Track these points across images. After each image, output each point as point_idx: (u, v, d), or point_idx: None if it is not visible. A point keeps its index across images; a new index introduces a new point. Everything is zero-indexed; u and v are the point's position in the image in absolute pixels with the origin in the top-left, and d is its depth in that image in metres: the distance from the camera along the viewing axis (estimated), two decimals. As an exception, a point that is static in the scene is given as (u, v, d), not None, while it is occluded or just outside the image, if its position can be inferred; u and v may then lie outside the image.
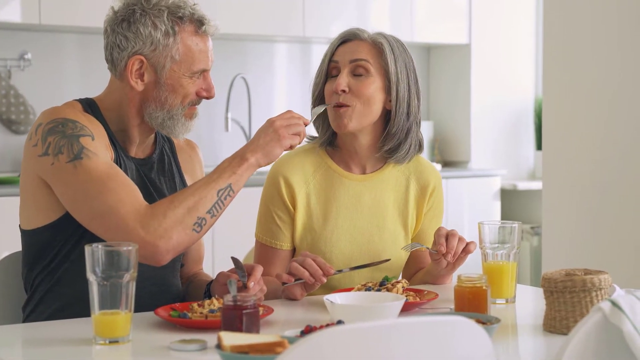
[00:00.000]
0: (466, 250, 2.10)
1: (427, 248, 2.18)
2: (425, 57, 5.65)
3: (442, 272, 2.17)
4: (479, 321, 1.70)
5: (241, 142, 5.04)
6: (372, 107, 2.18)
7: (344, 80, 2.17)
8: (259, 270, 1.94)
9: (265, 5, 4.79)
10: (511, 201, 5.51)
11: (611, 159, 3.46)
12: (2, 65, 4.41)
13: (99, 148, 1.91)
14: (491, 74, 5.49)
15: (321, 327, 1.68)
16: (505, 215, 5.40)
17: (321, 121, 2.25)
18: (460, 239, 2.10)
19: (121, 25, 1.99)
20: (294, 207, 2.22)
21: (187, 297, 2.17)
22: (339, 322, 1.72)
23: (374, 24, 5.14)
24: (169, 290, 2.09)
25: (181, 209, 1.86)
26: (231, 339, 1.48)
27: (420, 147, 2.27)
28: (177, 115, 2.01)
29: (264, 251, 2.25)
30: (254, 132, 5.04)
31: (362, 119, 2.18)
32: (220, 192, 1.91)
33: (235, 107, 4.97)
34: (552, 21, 3.69)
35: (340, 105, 2.17)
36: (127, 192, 1.86)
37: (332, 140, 2.26)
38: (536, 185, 5.32)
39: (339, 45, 2.22)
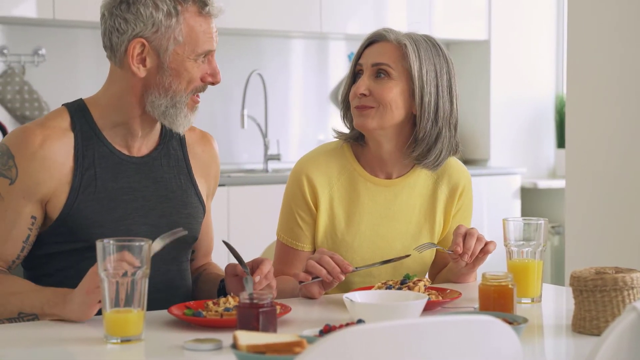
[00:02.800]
0: (485, 251, 2.03)
1: (442, 249, 2.11)
2: (443, 54, 5.58)
3: (462, 271, 2.11)
4: (505, 321, 1.63)
5: (257, 139, 4.99)
6: (393, 111, 2.10)
7: (363, 83, 2.11)
8: (267, 264, 1.88)
9: (282, 0, 4.73)
10: (531, 200, 5.44)
11: (635, 157, 3.40)
12: (16, 61, 4.38)
13: (10, 194, 1.88)
14: (511, 71, 5.42)
15: (340, 326, 1.62)
16: (526, 214, 5.33)
17: (350, 120, 2.18)
18: (479, 239, 2.02)
19: (120, 7, 1.89)
20: (317, 208, 2.15)
21: (197, 291, 2.11)
22: (359, 321, 1.66)
23: (391, 19, 5.07)
24: (176, 294, 2.02)
25: None
26: (247, 338, 1.43)
27: (455, 152, 2.18)
28: (180, 103, 1.92)
29: (284, 251, 2.19)
30: (270, 129, 5.00)
31: (383, 120, 2.10)
32: (22, 314, 1.82)
33: (251, 104, 4.92)
34: (576, 18, 3.64)
35: (359, 108, 2.11)
36: None
37: (360, 137, 2.18)
38: (557, 183, 5.25)
39: (366, 47, 2.16)
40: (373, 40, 2.15)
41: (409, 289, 1.91)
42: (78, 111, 1.95)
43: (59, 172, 1.90)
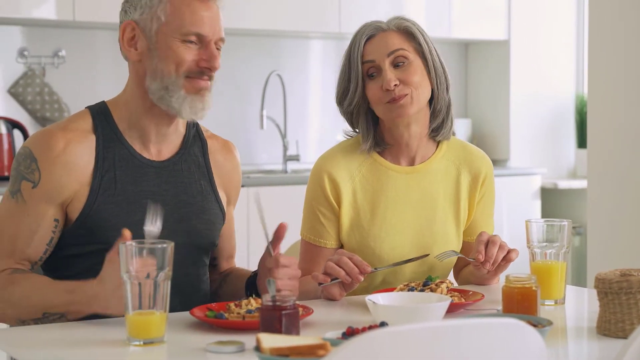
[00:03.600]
0: (507, 259, 2.01)
1: (465, 257, 2.09)
2: (463, 54, 5.56)
3: (485, 277, 2.10)
4: (529, 323, 1.62)
5: (276, 140, 4.98)
6: (424, 89, 2.13)
7: (391, 75, 2.10)
8: (282, 229, 1.90)
9: (300, 1, 4.73)
10: (552, 200, 5.41)
11: (658, 156, 3.37)
12: (36, 63, 4.39)
13: (33, 197, 1.88)
14: (531, 71, 5.39)
15: (363, 328, 1.62)
16: (546, 214, 5.29)
17: (364, 127, 2.16)
18: (501, 246, 2.01)
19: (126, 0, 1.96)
20: (339, 204, 2.15)
21: (223, 295, 2.10)
22: (382, 323, 1.65)
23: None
24: (193, 296, 2.00)
25: (6, 304, 1.84)
26: (271, 341, 1.42)
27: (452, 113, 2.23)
28: (173, 85, 1.89)
29: (308, 249, 2.19)
30: (289, 130, 4.99)
31: (419, 102, 2.12)
32: (47, 314, 1.81)
33: (270, 105, 4.91)
34: (597, 17, 3.61)
35: (396, 99, 2.09)
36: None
37: (378, 142, 2.18)
38: (577, 184, 5.21)
39: (364, 44, 2.14)
40: (370, 35, 2.15)
41: (432, 290, 1.90)
42: (100, 113, 1.96)
43: (81, 175, 1.90)
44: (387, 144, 2.18)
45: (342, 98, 2.18)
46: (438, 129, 2.18)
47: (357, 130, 2.20)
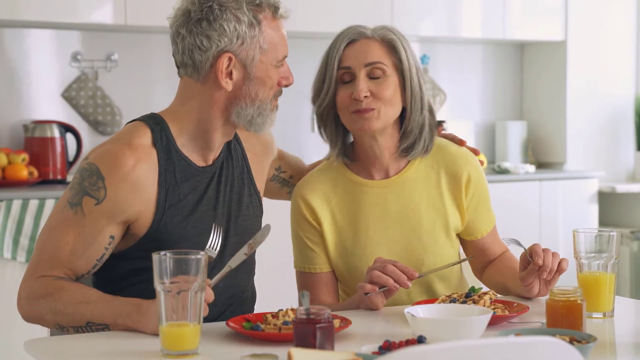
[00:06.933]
0: (560, 269, 1.95)
1: (525, 249, 1.98)
2: (518, 55, 5.47)
3: (534, 297, 2.02)
4: (573, 339, 1.57)
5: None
6: (394, 107, 2.07)
7: (364, 85, 2.04)
8: None
9: (353, 3, 4.70)
10: (609, 204, 5.29)
11: None
12: (89, 67, 4.42)
13: (93, 213, 1.85)
14: (588, 72, 5.28)
15: (400, 343, 1.58)
16: (603, 219, 5.18)
17: (332, 132, 2.12)
18: (554, 254, 1.95)
19: (200, 25, 1.88)
20: (320, 227, 2.11)
21: None
22: (420, 337, 1.61)
23: (466, 21, 4.99)
24: (242, 297, 2.03)
25: (49, 309, 1.82)
26: (302, 356, 1.39)
27: (432, 131, 2.12)
28: (266, 110, 1.94)
29: (305, 279, 2.14)
30: (341, 133, 4.96)
31: (386, 118, 2.06)
32: (91, 324, 1.80)
33: (322, 108, 4.88)
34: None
35: (361, 111, 2.04)
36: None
37: (347, 152, 2.13)
38: (636, 187, 5.09)
39: (344, 48, 2.08)
40: (352, 39, 2.08)
41: (474, 302, 1.85)
42: (157, 125, 1.93)
43: (147, 193, 1.88)
44: (357, 157, 2.13)
45: (315, 98, 2.13)
46: (408, 149, 2.11)
47: (325, 137, 2.15)
